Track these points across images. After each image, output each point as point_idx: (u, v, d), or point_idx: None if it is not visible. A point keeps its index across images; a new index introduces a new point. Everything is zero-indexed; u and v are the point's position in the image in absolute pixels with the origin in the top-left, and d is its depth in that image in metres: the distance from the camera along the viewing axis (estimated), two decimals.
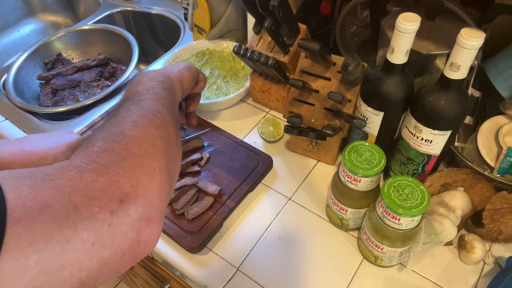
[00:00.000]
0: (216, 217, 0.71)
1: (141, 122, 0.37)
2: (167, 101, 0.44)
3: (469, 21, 0.69)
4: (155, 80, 0.48)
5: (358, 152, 0.63)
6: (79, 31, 1.18)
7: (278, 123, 0.87)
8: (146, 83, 0.46)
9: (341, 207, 0.67)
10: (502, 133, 0.70)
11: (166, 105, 0.43)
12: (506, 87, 0.71)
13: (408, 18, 0.56)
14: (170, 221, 0.71)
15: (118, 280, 1.71)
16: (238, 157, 0.80)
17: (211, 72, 0.99)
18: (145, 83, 0.46)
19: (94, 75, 1.09)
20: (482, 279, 0.66)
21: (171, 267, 0.74)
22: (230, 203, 0.73)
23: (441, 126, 0.62)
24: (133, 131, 0.36)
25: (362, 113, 0.70)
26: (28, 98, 1.05)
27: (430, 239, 0.62)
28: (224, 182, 0.76)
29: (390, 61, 0.61)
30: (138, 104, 0.41)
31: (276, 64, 0.77)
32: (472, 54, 0.53)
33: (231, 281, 0.66)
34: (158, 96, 0.44)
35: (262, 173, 0.78)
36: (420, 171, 0.71)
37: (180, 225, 0.70)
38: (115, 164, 0.32)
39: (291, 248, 0.70)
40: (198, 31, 1.01)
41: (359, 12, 0.91)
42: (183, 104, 0.67)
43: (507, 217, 0.65)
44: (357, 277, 0.66)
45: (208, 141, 0.84)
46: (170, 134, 0.40)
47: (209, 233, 0.69)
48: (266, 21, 0.70)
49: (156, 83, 0.47)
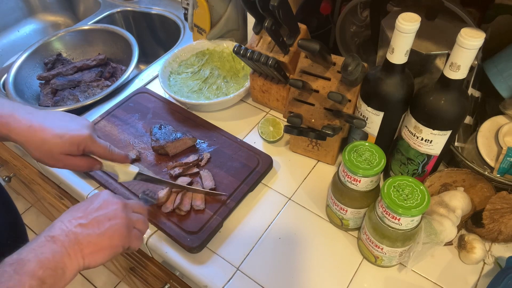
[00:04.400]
0: (216, 217, 0.71)
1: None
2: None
3: (469, 21, 0.69)
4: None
5: (358, 152, 0.63)
6: (79, 31, 1.18)
7: (278, 123, 0.87)
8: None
9: (341, 207, 0.67)
10: (502, 133, 0.70)
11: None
12: (506, 87, 0.71)
13: (408, 18, 0.56)
14: (170, 221, 0.71)
15: (118, 280, 1.71)
16: (238, 157, 0.80)
17: (211, 72, 0.99)
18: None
19: (94, 75, 1.09)
20: (482, 279, 0.66)
21: (171, 267, 0.74)
22: (230, 203, 0.73)
23: (441, 126, 0.62)
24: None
25: (362, 113, 0.70)
26: (28, 98, 1.05)
27: (430, 239, 0.62)
28: (224, 182, 0.76)
29: (390, 61, 0.61)
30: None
31: (276, 64, 0.77)
32: (472, 54, 0.53)
33: (231, 281, 0.66)
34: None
35: (262, 173, 0.78)
36: (420, 171, 0.71)
37: (180, 225, 0.70)
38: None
39: (291, 248, 0.70)
40: (198, 31, 1.02)
41: (359, 12, 0.91)
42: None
43: (507, 217, 0.65)
44: (357, 277, 0.66)
45: (208, 141, 0.84)
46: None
47: (209, 233, 0.69)
48: (266, 21, 0.70)
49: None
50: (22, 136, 0.59)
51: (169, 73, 0.97)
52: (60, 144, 0.60)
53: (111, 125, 0.88)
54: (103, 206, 0.54)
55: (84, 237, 0.50)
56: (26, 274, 0.44)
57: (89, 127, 0.64)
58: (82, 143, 0.62)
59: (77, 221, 0.51)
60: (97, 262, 0.52)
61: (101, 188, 0.79)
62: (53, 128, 0.60)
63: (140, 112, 0.91)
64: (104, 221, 0.52)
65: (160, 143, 0.80)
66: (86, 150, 0.63)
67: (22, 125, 0.59)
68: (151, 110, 0.91)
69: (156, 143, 0.80)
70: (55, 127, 0.60)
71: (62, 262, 0.47)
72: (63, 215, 0.52)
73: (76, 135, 0.61)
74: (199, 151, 0.82)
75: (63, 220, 0.51)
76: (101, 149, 0.65)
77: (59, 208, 1.31)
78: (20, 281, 0.43)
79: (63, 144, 0.60)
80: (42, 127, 0.59)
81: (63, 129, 0.60)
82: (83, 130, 0.62)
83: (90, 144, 0.63)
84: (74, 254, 0.49)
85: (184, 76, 0.98)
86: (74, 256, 0.49)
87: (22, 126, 0.59)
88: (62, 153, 0.61)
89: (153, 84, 1.01)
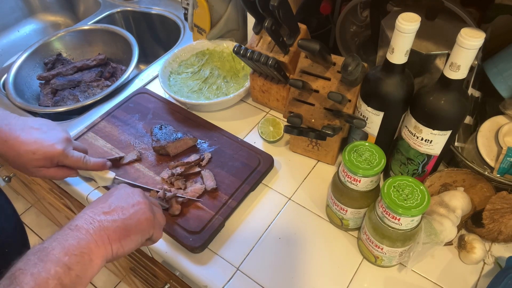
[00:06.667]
0: (218, 216, 0.71)
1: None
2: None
3: (469, 21, 0.69)
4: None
5: (358, 152, 0.63)
6: (79, 31, 1.18)
7: (278, 123, 0.87)
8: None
9: (341, 207, 0.67)
10: (502, 133, 0.70)
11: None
12: (506, 87, 0.71)
13: (408, 18, 0.56)
14: (172, 222, 0.71)
15: (118, 280, 1.71)
16: (239, 157, 0.80)
17: (211, 72, 0.99)
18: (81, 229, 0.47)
19: (94, 75, 1.09)
20: (482, 279, 0.66)
21: (171, 267, 0.74)
22: (232, 202, 0.73)
23: (441, 126, 0.62)
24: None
25: (362, 113, 0.70)
26: (28, 98, 1.05)
27: (430, 239, 0.62)
28: (225, 181, 0.76)
29: (390, 61, 0.61)
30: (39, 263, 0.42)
31: (276, 64, 0.77)
32: (472, 54, 0.53)
33: (231, 281, 0.66)
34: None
35: (263, 173, 0.78)
36: (420, 171, 0.71)
37: (182, 225, 0.70)
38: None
39: (291, 248, 0.70)
40: (198, 31, 1.02)
41: (359, 12, 0.91)
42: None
43: (507, 217, 0.65)
44: (357, 277, 0.66)
45: (209, 141, 0.84)
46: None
47: (211, 233, 0.69)
48: (266, 21, 0.70)
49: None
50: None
51: (169, 73, 0.97)
52: (33, 159, 0.63)
53: (111, 125, 0.88)
54: (123, 195, 0.54)
55: (110, 223, 0.49)
56: (51, 261, 0.42)
57: (63, 142, 0.66)
58: (55, 158, 0.64)
59: (100, 210, 0.50)
60: (126, 249, 0.50)
61: (101, 188, 0.79)
62: (27, 143, 0.62)
63: (140, 113, 0.91)
64: (128, 207, 0.52)
65: (161, 144, 0.80)
66: (59, 164, 0.66)
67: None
68: (151, 110, 0.91)
69: (157, 144, 0.80)
70: (29, 142, 0.62)
71: (88, 248, 0.46)
72: (84, 209, 0.51)
73: (48, 151, 0.63)
74: (200, 151, 0.82)
75: (85, 211, 0.50)
76: (75, 162, 0.67)
77: (59, 208, 1.31)
78: (45, 268, 0.41)
79: (36, 159, 0.63)
80: (17, 141, 0.62)
81: (37, 144, 0.63)
82: (56, 145, 0.64)
83: (63, 159, 0.66)
84: (100, 240, 0.47)
85: (184, 76, 0.98)
86: (101, 242, 0.47)
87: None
88: (35, 166, 0.64)
89: (153, 84, 1.01)
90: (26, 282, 0.40)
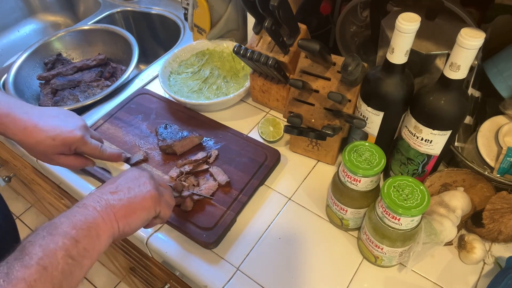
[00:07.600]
0: (230, 212, 0.72)
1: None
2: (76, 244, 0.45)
3: (469, 21, 0.69)
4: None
5: (358, 152, 0.63)
6: (79, 31, 1.18)
7: (278, 123, 0.87)
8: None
9: (341, 207, 0.67)
10: (502, 133, 0.70)
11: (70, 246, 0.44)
12: (506, 87, 0.71)
13: (408, 18, 0.56)
14: (183, 219, 0.71)
15: (118, 280, 1.71)
16: (246, 153, 0.81)
17: (211, 72, 0.99)
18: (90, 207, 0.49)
19: (94, 75, 1.09)
20: (482, 279, 0.66)
21: (171, 267, 0.74)
22: (242, 197, 0.74)
23: (441, 126, 0.62)
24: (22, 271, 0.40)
25: (362, 113, 0.70)
26: (28, 98, 1.05)
27: (430, 239, 0.62)
28: (234, 177, 0.77)
29: (390, 61, 0.61)
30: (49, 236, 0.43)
31: (276, 64, 0.77)
32: (472, 54, 0.53)
33: (231, 281, 0.66)
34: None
35: (271, 167, 0.79)
36: (420, 171, 0.71)
37: (194, 221, 0.71)
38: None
39: (291, 248, 0.70)
40: (198, 31, 1.02)
41: (359, 12, 0.91)
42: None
43: (507, 217, 0.65)
44: (357, 277, 0.66)
45: (215, 138, 0.84)
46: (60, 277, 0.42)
47: (224, 228, 0.70)
48: (266, 21, 0.70)
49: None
50: (17, 136, 0.62)
51: (169, 73, 0.97)
52: (53, 145, 0.63)
53: (114, 127, 0.88)
54: (130, 177, 0.56)
55: (116, 201, 0.51)
56: (59, 234, 0.44)
57: (81, 128, 0.66)
58: (74, 144, 0.65)
59: (108, 190, 0.52)
60: (132, 227, 0.52)
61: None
62: (46, 130, 0.63)
63: (143, 113, 0.91)
64: (135, 187, 0.54)
65: (168, 143, 0.80)
66: (77, 151, 0.67)
67: (18, 126, 0.61)
68: (153, 110, 0.91)
69: (164, 143, 0.80)
70: (48, 129, 0.63)
71: (96, 224, 0.47)
72: (92, 190, 0.53)
73: (68, 137, 0.64)
74: (206, 149, 0.83)
75: (93, 192, 0.52)
76: (92, 150, 0.68)
77: (59, 208, 1.31)
78: (53, 240, 0.43)
79: (55, 145, 0.63)
80: (36, 128, 0.62)
81: (56, 131, 0.63)
82: (75, 131, 0.65)
83: (81, 145, 0.66)
84: (107, 217, 0.49)
85: (184, 76, 0.98)
86: (108, 219, 0.49)
87: (17, 127, 0.61)
88: (55, 153, 0.64)
89: (153, 84, 1.01)
90: (34, 252, 0.41)
